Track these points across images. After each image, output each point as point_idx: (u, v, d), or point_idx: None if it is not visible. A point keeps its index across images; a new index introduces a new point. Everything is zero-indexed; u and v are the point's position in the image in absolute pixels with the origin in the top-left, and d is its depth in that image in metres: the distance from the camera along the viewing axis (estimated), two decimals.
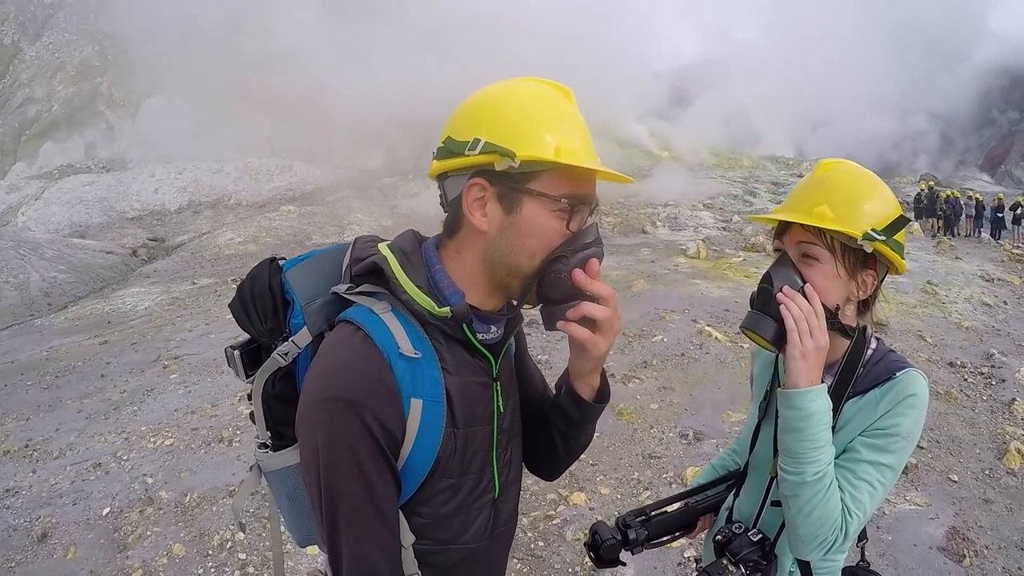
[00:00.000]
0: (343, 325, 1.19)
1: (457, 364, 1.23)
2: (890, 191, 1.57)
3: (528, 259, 1.20)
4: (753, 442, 1.72)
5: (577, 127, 1.21)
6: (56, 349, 10.95)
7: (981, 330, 10.02)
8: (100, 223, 27.18)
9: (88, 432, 6.65)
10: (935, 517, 4.86)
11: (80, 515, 5.03)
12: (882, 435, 1.47)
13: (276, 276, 1.30)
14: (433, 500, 1.23)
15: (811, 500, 1.38)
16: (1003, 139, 78.87)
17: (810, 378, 1.40)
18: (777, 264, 1.51)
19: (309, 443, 1.13)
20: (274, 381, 1.27)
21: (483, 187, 1.18)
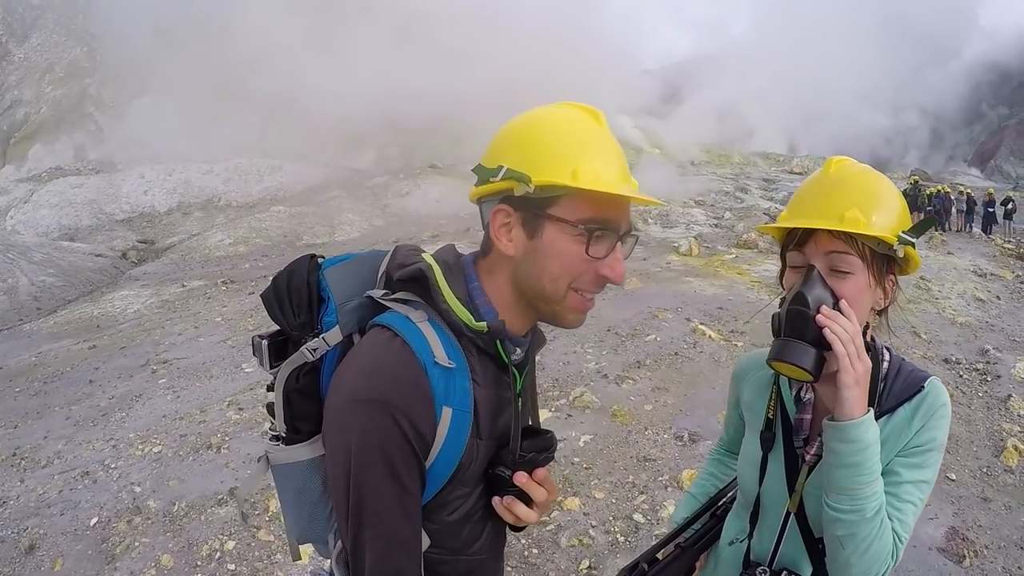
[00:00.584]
0: (379, 330, 1.21)
1: (486, 377, 1.26)
2: (895, 186, 1.48)
3: (551, 283, 1.22)
4: (761, 478, 1.58)
5: (601, 150, 1.22)
6: (45, 354, 10.83)
7: (975, 325, 10.06)
8: (89, 226, 26.99)
9: (76, 440, 6.56)
10: (934, 517, 4.82)
11: (68, 525, 4.95)
12: (920, 452, 1.40)
13: (314, 273, 1.31)
14: (447, 507, 1.25)
15: (868, 537, 1.28)
16: (992, 134, 79.37)
17: (864, 406, 1.29)
18: (807, 282, 1.34)
19: (340, 442, 1.14)
20: (299, 376, 1.27)
21: (508, 213, 1.23)
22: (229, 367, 8.36)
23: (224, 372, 8.19)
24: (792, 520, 1.52)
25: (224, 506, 4.88)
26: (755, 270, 12.60)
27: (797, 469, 1.52)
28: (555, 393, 6.77)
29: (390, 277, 1.29)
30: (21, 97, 47.28)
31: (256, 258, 18.68)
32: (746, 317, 8.90)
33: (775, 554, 1.56)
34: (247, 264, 18.05)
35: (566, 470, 5.29)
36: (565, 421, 6.11)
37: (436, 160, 30.57)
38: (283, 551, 4.31)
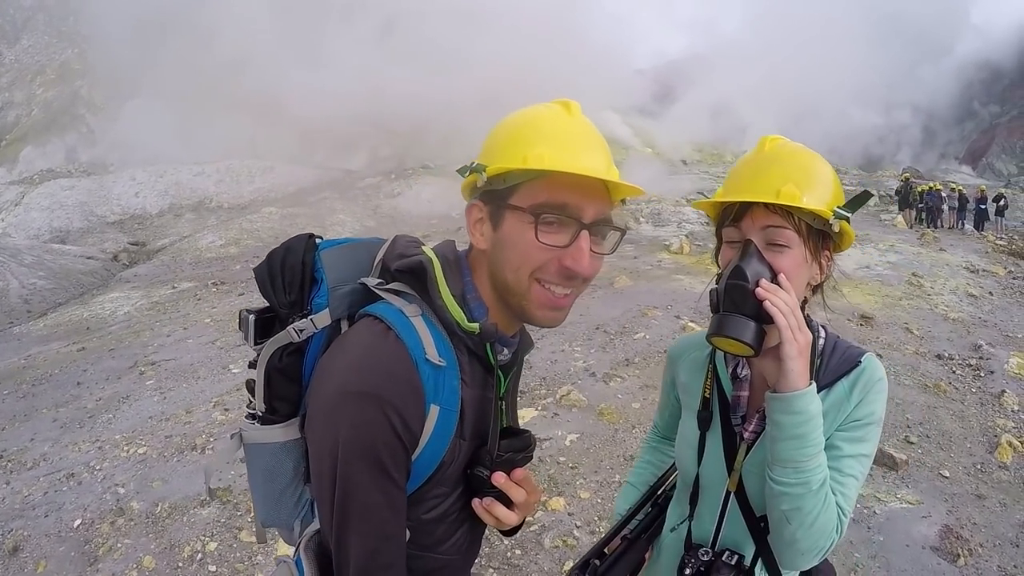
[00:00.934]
0: (372, 320, 1.19)
1: (474, 377, 1.25)
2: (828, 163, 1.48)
3: (512, 274, 1.20)
4: (699, 458, 1.56)
5: (560, 136, 1.19)
6: (34, 357, 10.79)
7: (968, 321, 10.06)
8: (81, 228, 26.90)
9: (62, 442, 6.54)
10: (927, 515, 4.77)
11: (52, 527, 4.93)
12: (860, 426, 1.41)
13: (310, 253, 1.30)
14: (422, 505, 1.24)
15: (813, 510, 1.28)
16: (984, 132, 79.65)
17: (807, 378, 1.29)
18: (745, 256, 1.33)
19: (329, 433, 1.12)
20: (282, 355, 1.25)
21: (480, 208, 1.24)
22: (216, 368, 8.34)
23: (211, 373, 8.18)
24: (732, 500, 1.51)
25: (207, 507, 4.86)
26: None
27: (735, 448, 1.51)
28: (542, 392, 6.75)
29: (386, 266, 1.27)
30: (12, 99, 47.11)
31: (247, 259, 18.62)
32: None
33: (717, 535, 1.55)
34: (238, 265, 18.00)
35: (551, 469, 5.26)
36: (551, 420, 6.09)
37: (428, 160, 30.57)
38: (264, 552, 4.30)
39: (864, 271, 12.82)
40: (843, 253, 5.72)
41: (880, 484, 5.16)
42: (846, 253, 6.50)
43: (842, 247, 1.48)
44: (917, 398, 6.89)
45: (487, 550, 4.22)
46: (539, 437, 5.72)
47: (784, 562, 1.41)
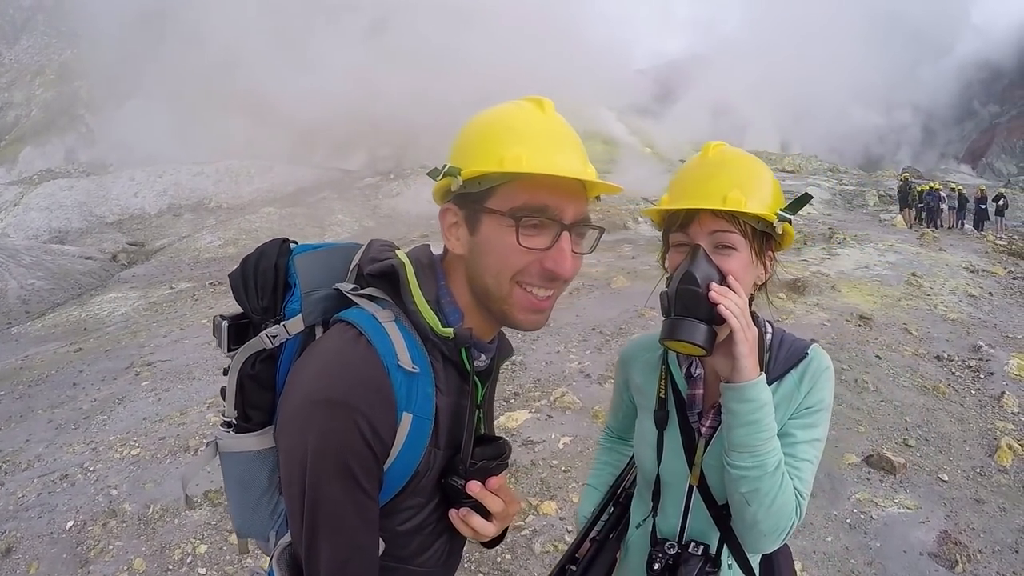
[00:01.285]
0: (344, 326, 1.16)
1: (449, 385, 1.21)
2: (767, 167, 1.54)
3: (493, 279, 1.17)
4: (659, 456, 1.61)
5: (536, 135, 1.16)
6: (31, 358, 10.81)
7: (967, 322, 9.98)
8: (79, 228, 26.95)
9: (57, 443, 6.53)
10: (925, 520, 4.70)
11: (44, 529, 4.92)
12: (811, 412, 1.48)
13: (284, 257, 1.27)
14: (397, 516, 1.20)
15: (771, 492, 1.35)
16: (984, 132, 79.65)
17: (758, 369, 1.37)
18: (694, 260, 1.38)
19: (298, 442, 1.09)
20: (255, 361, 1.23)
21: (455, 212, 1.20)
22: (212, 369, 8.32)
23: (206, 374, 8.15)
24: (696, 493, 1.56)
25: (198, 510, 4.84)
26: None
27: (694, 443, 1.56)
28: (536, 393, 6.71)
29: (361, 271, 1.24)
30: (12, 99, 47.16)
31: None
32: None
33: (683, 528, 1.60)
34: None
35: (544, 473, 5.21)
36: (545, 422, 6.04)
37: (427, 160, 30.58)
38: (254, 555, 4.28)
39: (863, 271, 12.78)
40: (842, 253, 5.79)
41: (878, 488, 5.10)
42: (845, 253, 6.54)
43: (783, 246, 1.54)
44: (916, 400, 6.84)
45: (477, 555, 4.19)
46: (532, 440, 5.68)
47: (748, 545, 1.47)
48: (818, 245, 15.44)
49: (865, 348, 8.10)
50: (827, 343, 8.04)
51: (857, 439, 5.84)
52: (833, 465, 5.36)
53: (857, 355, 7.83)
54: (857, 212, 26.74)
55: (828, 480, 5.15)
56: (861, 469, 5.34)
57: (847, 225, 19.87)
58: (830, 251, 14.57)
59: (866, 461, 5.43)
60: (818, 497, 4.91)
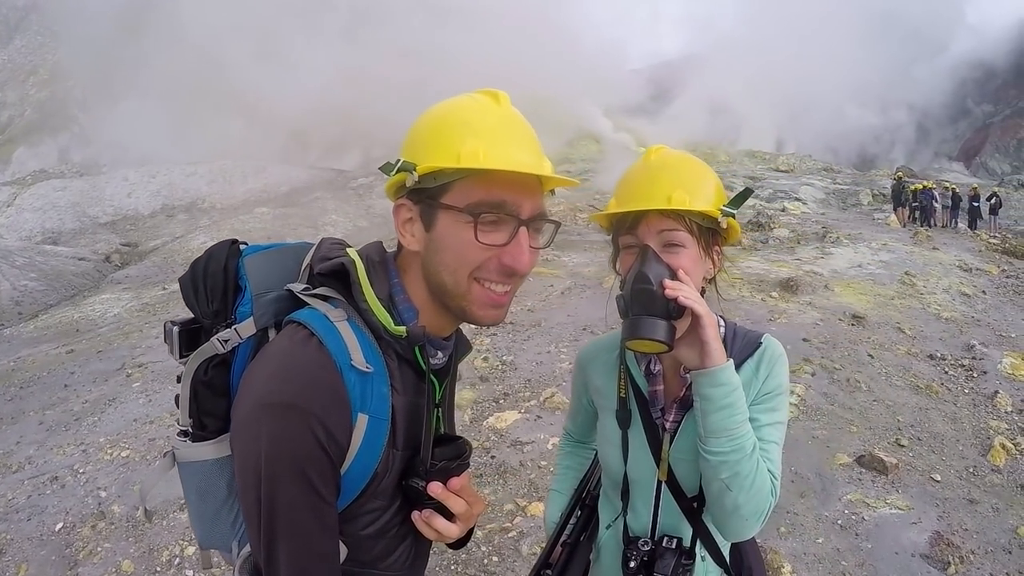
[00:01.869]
0: (295, 327, 1.13)
1: (405, 384, 1.20)
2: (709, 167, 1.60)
3: (450, 276, 1.16)
4: (624, 455, 1.63)
5: (493, 130, 1.14)
6: (23, 359, 10.75)
7: (961, 320, 10.01)
8: (73, 229, 26.84)
9: (48, 445, 6.50)
10: (917, 521, 4.68)
11: (34, 531, 4.91)
12: (771, 397, 1.53)
13: (234, 259, 1.24)
14: (358, 520, 1.18)
15: (751, 474, 1.38)
16: (978, 131, 79.89)
17: (724, 354, 1.41)
18: (646, 260, 1.42)
19: (251, 448, 1.06)
20: (208, 367, 1.19)
21: (409, 207, 1.17)
22: None
23: None
24: (665, 488, 1.59)
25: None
26: (737, 267, 12.59)
27: (660, 439, 1.59)
28: (526, 394, 6.69)
29: (313, 271, 1.22)
30: (5, 99, 47.02)
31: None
32: (725, 315, 8.88)
33: (655, 524, 1.62)
34: None
35: (532, 474, 5.19)
36: (534, 423, 6.01)
37: None
38: None
39: (856, 270, 12.81)
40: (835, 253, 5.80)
41: (869, 489, 5.08)
42: (838, 252, 6.54)
43: (729, 240, 1.58)
44: (909, 399, 6.84)
45: (464, 556, 4.17)
46: (521, 440, 5.67)
47: (729, 532, 1.49)
48: (811, 244, 15.49)
49: (858, 347, 8.12)
50: (820, 342, 8.06)
51: (849, 439, 5.83)
52: (824, 465, 5.36)
53: (850, 354, 7.85)
54: (851, 211, 26.77)
55: (819, 481, 5.14)
56: (853, 469, 5.33)
57: (841, 224, 19.91)
58: (823, 250, 14.61)
59: (858, 461, 5.42)
60: (809, 498, 4.91)
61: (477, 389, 6.81)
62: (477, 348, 7.89)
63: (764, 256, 14.09)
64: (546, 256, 13.78)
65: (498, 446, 5.61)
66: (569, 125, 37.17)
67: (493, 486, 5.05)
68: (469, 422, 6.14)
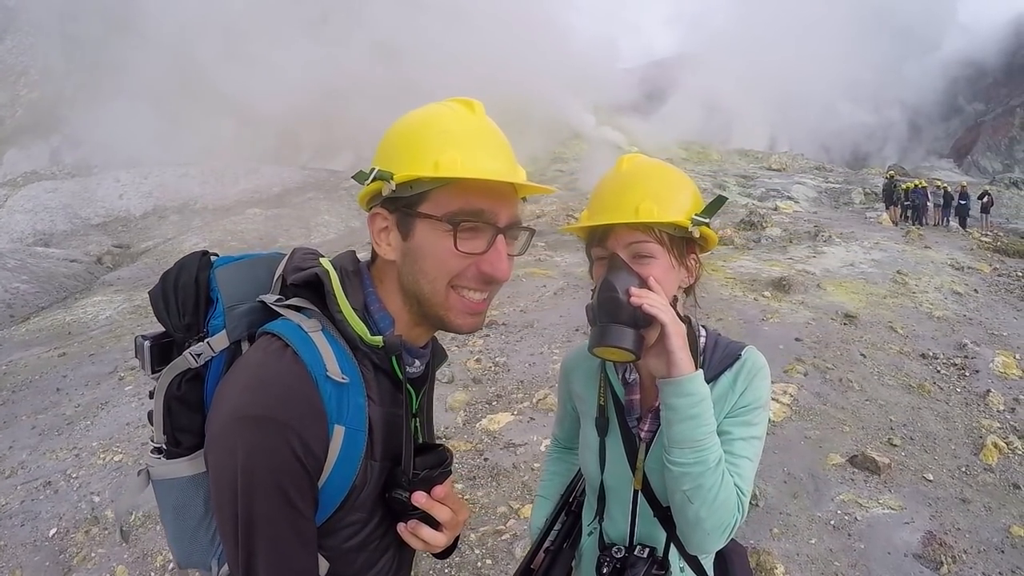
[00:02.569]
0: (269, 338, 1.12)
1: (382, 394, 1.18)
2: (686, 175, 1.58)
3: (429, 284, 1.16)
4: (602, 462, 1.63)
5: (469, 138, 1.15)
6: (15, 363, 10.71)
7: (953, 319, 10.03)
8: (64, 230, 26.75)
9: (40, 449, 6.48)
10: (910, 521, 4.66)
11: (28, 536, 4.92)
12: (747, 411, 1.49)
13: (205, 271, 1.22)
14: (339, 534, 1.16)
15: (713, 487, 1.36)
16: (969, 130, 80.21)
17: (692, 363, 1.39)
18: (613, 269, 1.42)
19: (226, 462, 1.04)
20: (180, 382, 1.17)
21: (384, 216, 1.17)
22: None
23: None
24: (641, 497, 1.58)
25: None
26: (730, 266, 12.63)
27: (636, 448, 1.58)
28: (519, 395, 6.69)
29: (286, 282, 1.20)
30: None
31: None
32: (718, 315, 8.92)
33: (632, 532, 1.61)
34: None
35: (525, 476, 5.18)
36: (527, 424, 6.01)
37: None
38: None
39: (848, 269, 12.86)
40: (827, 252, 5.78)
41: (862, 489, 5.08)
42: (830, 251, 6.52)
43: (708, 248, 1.58)
44: (901, 399, 6.86)
45: (457, 559, 4.18)
46: (513, 443, 5.67)
47: (692, 544, 1.46)
48: (804, 243, 15.52)
49: (850, 347, 8.15)
50: (812, 342, 8.08)
51: (842, 439, 5.84)
52: (817, 466, 5.36)
53: (842, 354, 7.87)
54: (843, 210, 26.89)
55: (812, 481, 5.15)
56: (845, 469, 5.33)
57: (833, 223, 19.96)
58: (816, 249, 14.66)
59: (850, 461, 5.42)
60: (801, 498, 4.91)
61: (470, 391, 6.80)
62: (470, 349, 7.90)
63: (756, 255, 14.12)
64: (539, 257, 13.80)
65: (491, 448, 5.61)
66: (562, 125, 37.23)
67: (486, 488, 5.04)
68: (462, 424, 6.13)
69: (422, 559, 4.16)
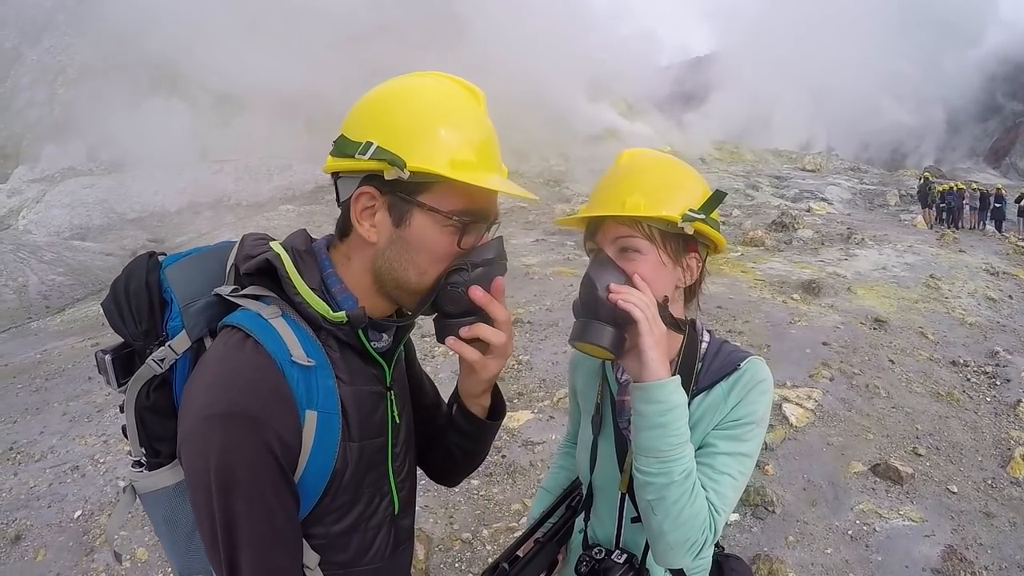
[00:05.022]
0: (229, 331, 1.09)
1: (351, 372, 1.16)
2: (695, 171, 1.52)
3: (417, 276, 1.14)
4: (592, 461, 1.61)
5: (480, 135, 1.14)
6: (49, 352, 10.95)
7: (985, 326, 9.79)
8: (100, 225, 27.29)
9: (70, 435, 6.64)
10: (931, 534, 4.51)
11: (53, 518, 5.04)
12: (737, 425, 1.42)
13: (154, 272, 1.19)
14: (326, 519, 1.16)
15: (678, 501, 1.28)
16: (1008, 131, 78.38)
17: (667, 369, 1.32)
18: (595, 264, 1.39)
19: (199, 464, 1.02)
20: (148, 391, 1.15)
21: (373, 196, 1.11)
22: None
23: None
24: (628, 500, 1.54)
25: None
26: (760, 268, 12.47)
27: (626, 449, 1.54)
28: (540, 394, 6.66)
29: (239, 271, 1.16)
30: (34, 98, 47.72)
31: None
32: (745, 317, 8.81)
33: (619, 535, 1.58)
34: None
35: (541, 474, 5.14)
36: (547, 423, 5.99)
37: None
38: None
39: (880, 272, 12.61)
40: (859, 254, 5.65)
41: (883, 499, 4.94)
42: (862, 254, 6.38)
43: (717, 250, 1.52)
44: (928, 407, 6.68)
45: (469, 555, 4.18)
46: (532, 441, 5.65)
47: (658, 556, 1.39)
48: (836, 245, 15.30)
49: (879, 352, 7.99)
50: (840, 346, 7.95)
51: (865, 446, 5.72)
52: (838, 474, 5.25)
53: (870, 359, 7.72)
54: (877, 212, 26.42)
55: (831, 489, 5.04)
56: (867, 478, 5.20)
57: (866, 225, 19.63)
58: (847, 252, 14.43)
59: (872, 470, 5.29)
60: (820, 506, 4.82)
61: None
62: None
63: (787, 257, 13.93)
64: (568, 256, 13.77)
65: (509, 445, 5.61)
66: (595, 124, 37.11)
67: (502, 485, 5.05)
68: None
69: (433, 553, 4.19)
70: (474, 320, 1.16)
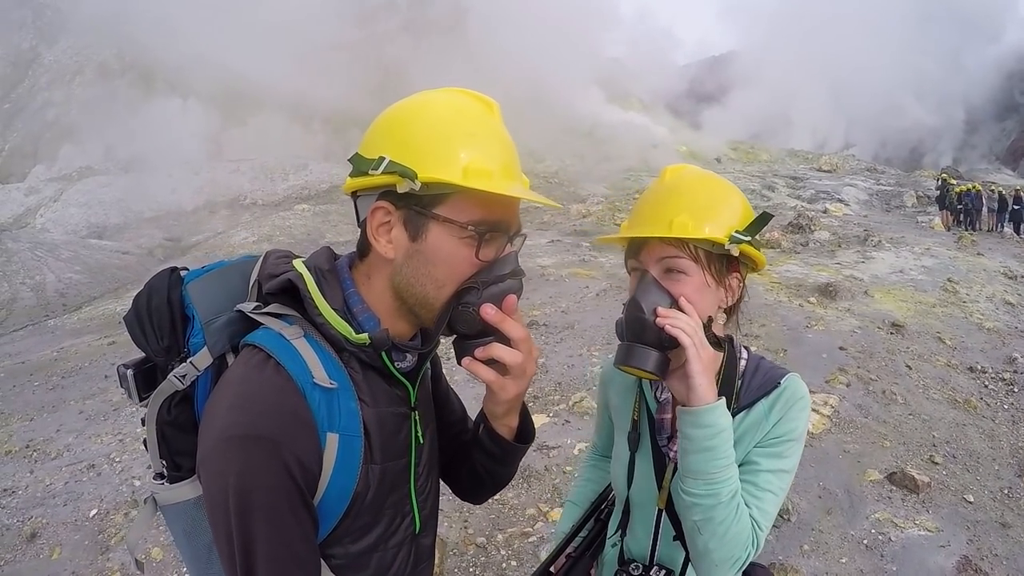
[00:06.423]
0: (250, 350, 1.08)
1: (374, 394, 1.15)
2: (736, 187, 1.51)
3: (436, 290, 1.12)
4: (630, 478, 1.60)
5: (494, 144, 1.12)
6: (66, 350, 11.02)
7: (1004, 331, 9.67)
8: (117, 224, 27.52)
9: (87, 433, 6.68)
10: (946, 544, 4.45)
11: (69, 516, 5.07)
12: (779, 442, 1.44)
13: (176, 288, 1.18)
14: (346, 540, 1.15)
15: (724, 521, 1.30)
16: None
17: (715, 393, 1.33)
18: (641, 286, 1.37)
19: (217, 485, 1.01)
20: (170, 406, 1.14)
21: (388, 211, 1.10)
22: None
23: None
24: (665, 516, 1.55)
25: None
26: (776, 270, 12.37)
27: (664, 466, 1.55)
28: (556, 397, 6.64)
29: (261, 287, 1.15)
30: (52, 98, 48.23)
31: None
32: (761, 321, 8.74)
33: (654, 551, 1.58)
34: None
35: (556, 479, 5.12)
36: (562, 427, 5.94)
37: None
38: None
39: (897, 276, 12.49)
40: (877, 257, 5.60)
41: (899, 508, 4.89)
42: (880, 257, 6.32)
43: (757, 268, 1.52)
44: (945, 414, 6.60)
45: (483, 559, 4.17)
46: (547, 445, 5.61)
47: (701, 573, 1.41)
48: (852, 248, 15.16)
49: (895, 357, 7.90)
50: (857, 351, 7.87)
51: (881, 454, 5.65)
52: (854, 481, 5.19)
53: (887, 365, 7.64)
54: (895, 213, 26.14)
55: (847, 497, 4.99)
56: (883, 487, 5.15)
57: (883, 227, 19.42)
58: (864, 254, 14.30)
59: (889, 478, 5.23)
60: (835, 515, 4.77)
61: None
62: None
63: (804, 260, 13.82)
64: (583, 257, 13.73)
65: None
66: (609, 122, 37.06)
67: (516, 490, 5.02)
68: None
69: (447, 557, 4.18)
70: (491, 340, 1.14)
